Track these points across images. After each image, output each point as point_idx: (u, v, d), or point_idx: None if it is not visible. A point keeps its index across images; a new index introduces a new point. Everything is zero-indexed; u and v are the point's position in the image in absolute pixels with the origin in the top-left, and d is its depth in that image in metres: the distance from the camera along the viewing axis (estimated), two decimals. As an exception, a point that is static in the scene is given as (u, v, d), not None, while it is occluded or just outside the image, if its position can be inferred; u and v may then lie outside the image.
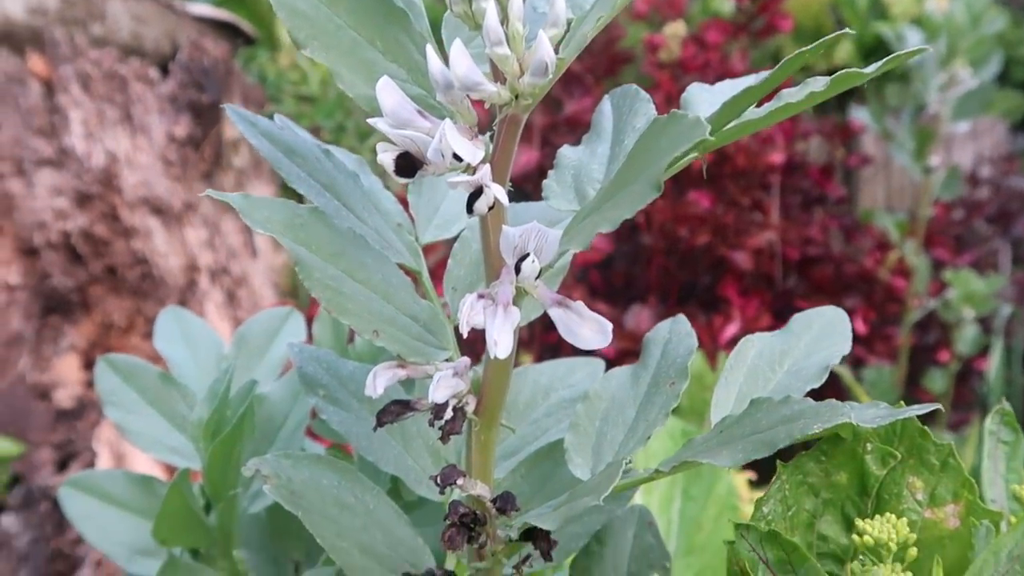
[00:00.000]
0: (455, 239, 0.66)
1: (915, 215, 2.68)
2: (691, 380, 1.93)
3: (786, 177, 2.70)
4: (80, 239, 1.96)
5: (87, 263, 1.97)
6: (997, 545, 0.47)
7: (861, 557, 0.47)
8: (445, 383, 0.51)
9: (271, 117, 0.62)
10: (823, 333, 0.61)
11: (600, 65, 2.57)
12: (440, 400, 0.51)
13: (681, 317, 0.66)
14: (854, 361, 2.65)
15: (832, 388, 2.41)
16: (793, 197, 2.75)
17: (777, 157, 2.52)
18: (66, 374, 1.96)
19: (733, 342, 2.05)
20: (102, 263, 1.98)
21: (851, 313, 2.82)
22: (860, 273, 2.69)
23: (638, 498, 1.50)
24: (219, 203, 2.34)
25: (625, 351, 2.17)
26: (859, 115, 2.78)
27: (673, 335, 0.64)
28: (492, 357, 0.48)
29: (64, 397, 1.93)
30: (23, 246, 1.96)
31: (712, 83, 0.57)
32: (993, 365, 2.68)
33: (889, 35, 2.59)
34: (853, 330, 0.57)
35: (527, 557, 0.58)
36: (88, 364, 1.97)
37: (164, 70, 2.16)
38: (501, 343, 0.48)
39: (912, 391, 2.69)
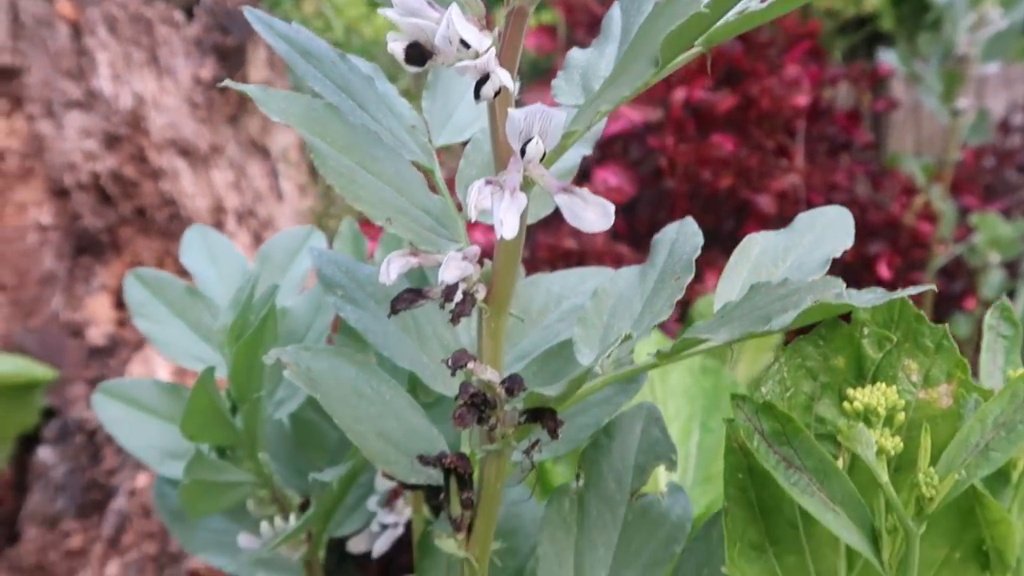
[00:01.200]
0: (467, 143, 0.68)
1: (943, 160, 2.66)
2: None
3: (812, 123, 2.68)
4: (110, 180, 1.99)
5: (117, 204, 2.01)
6: (983, 413, 0.48)
7: (851, 422, 0.49)
8: (455, 264, 0.53)
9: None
10: (826, 230, 0.62)
11: (624, 8, 2.55)
12: (450, 280, 0.53)
13: (689, 219, 0.68)
14: (878, 307, 2.65)
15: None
16: (819, 143, 2.74)
17: (802, 99, 2.51)
18: (98, 312, 2.01)
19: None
20: (131, 204, 2.01)
21: (876, 259, 2.82)
22: (886, 219, 2.68)
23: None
24: (245, 146, 2.36)
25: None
26: (887, 58, 2.75)
27: (680, 235, 0.66)
28: (499, 238, 0.50)
29: (96, 335, 1.98)
30: (54, 187, 2.00)
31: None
32: (1019, 309, 2.67)
33: (919, -25, 2.55)
34: (878, 276, 0.58)
35: (536, 442, 0.60)
36: (119, 303, 2.02)
37: (189, 13, 2.18)
38: (507, 223, 0.49)
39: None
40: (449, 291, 0.54)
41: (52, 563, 1.62)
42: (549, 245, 2.01)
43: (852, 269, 2.70)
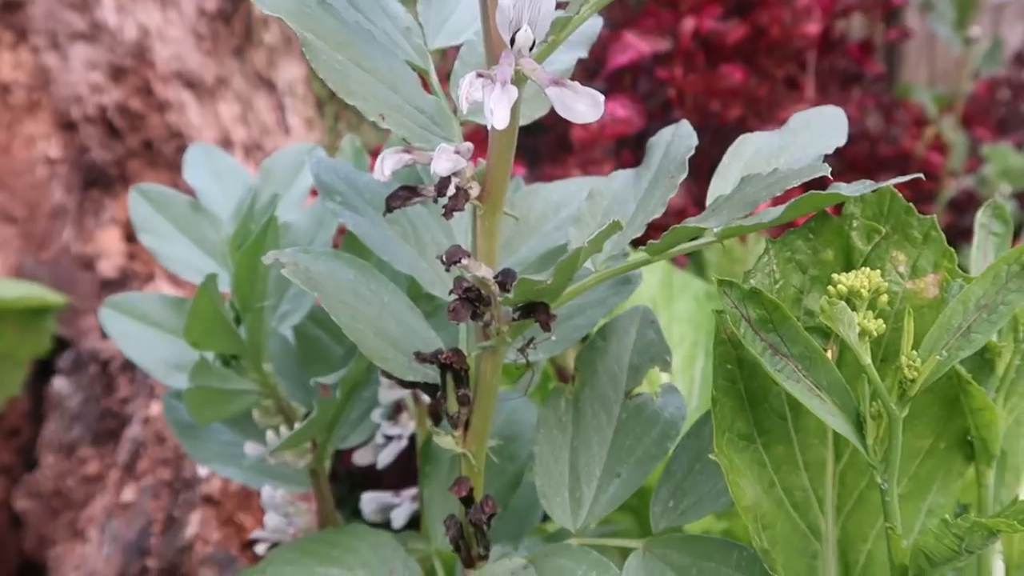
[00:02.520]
0: (462, 46, 0.68)
1: (956, 91, 2.63)
2: (720, 252, 1.96)
3: (823, 54, 2.65)
4: (116, 113, 1.99)
5: (124, 137, 2.01)
6: (965, 295, 0.49)
7: (833, 301, 0.49)
8: (446, 156, 0.54)
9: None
10: (820, 129, 0.63)
11: None
12: (442, 172, 0.54)
13: (684, 121, 0.68)
14: (888, 240, 2.64)
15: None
16: (831, 75, 2.71)
17: (813, 28, 2.47)
18: (109, 245, 2.02)
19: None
20: (139, 137, 2.02)
21: (885, 190, 2.77)
22: (896, 152, 2.66)
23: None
24: (251, 79, 2.35)
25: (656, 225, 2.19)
26: (900, -13, 2.70)
27: (675, 137, 0.66)
28: (490, 127, 0.51)
29: (107, 267, 2.00)
30: (61, 120, 2.00)
31: None
32: (1030, 239, 2.66)
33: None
34: None
35: (531, 340, 0.61)
36: (129, 237, 2.03)
37: (192, -57, 2.15)
38: (498, 113, 0.50)
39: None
40: (442, 184, 0.55)
41: (70, 488, 1.65)
42: (557, 177, 2.01)
43: (862, 201, 2.69)
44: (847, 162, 2.68)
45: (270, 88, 2.34)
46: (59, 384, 1.86)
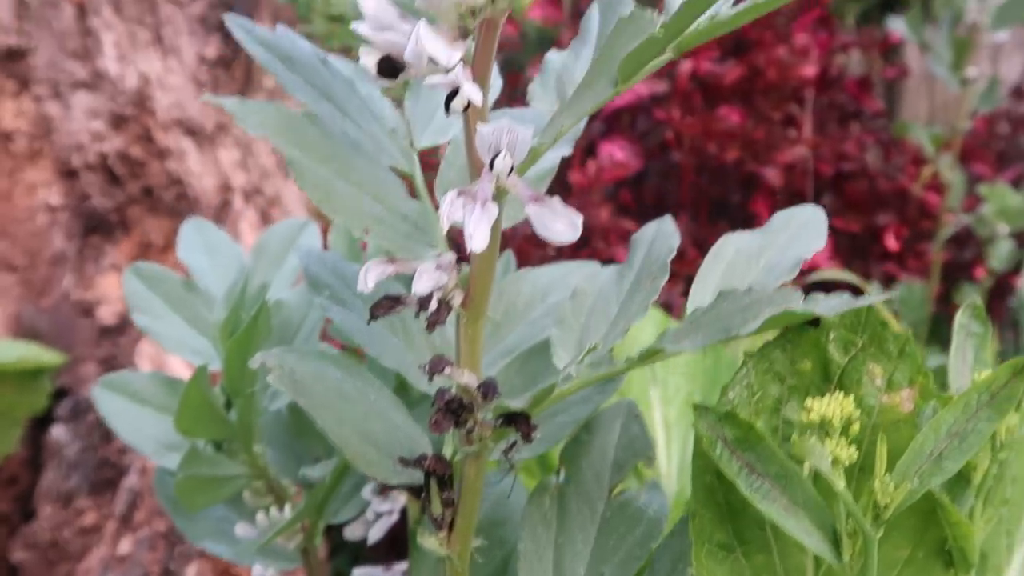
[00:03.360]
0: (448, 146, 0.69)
1: (953, 128, 2.64)
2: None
3: (821, 91, 2.66)
4: (117, 160, 2.01)
5: (124, 184, 2.02)
6: (937, 422, 0.50)
7: (807, 432, 0.50)
8: (428, 275, 0.55)
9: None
10: (800, 230, 0.63)
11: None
12: (423, 292, 0.55)
13: (667, 217, 0.68)
14: (886, 278, 2.65)
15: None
16: (829, 112, 2.72)
17: (810, 70, 2.49)
18: (108, 292, 2.04)
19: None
20: (139, 184, 2.03)
21: (884, 230, 2.81)
22: (894, 189, 2.67)
23: (658, 409, 1.54)
24: (251, 124, 2.36)
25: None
26: (897, 26, 2.72)
27: (658, 235, 0.67)
28: (468, 250, 0.51)
29: (107, 314, 2.01)
30: (63, 168, 2.02)
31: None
32: (1025, 282, 2.66)
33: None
34: (886, 247, 0.58)
35: (514, 443, 0.62)
36: (129, 281, 2.04)
37: (193, -9, 2.18)
38: (477, 236, 0.51)
39: (944, 308, 2.68)
40: (423, 301, 0.55)
41: (67, 540, 1.65)
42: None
43: (860, 240, 2.69)
44: (846, 200, 2.69)
45: (270, 132, 2.35)
46: (57, 432, 1.87)
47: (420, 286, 0.54)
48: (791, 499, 0.50)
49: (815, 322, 0.56)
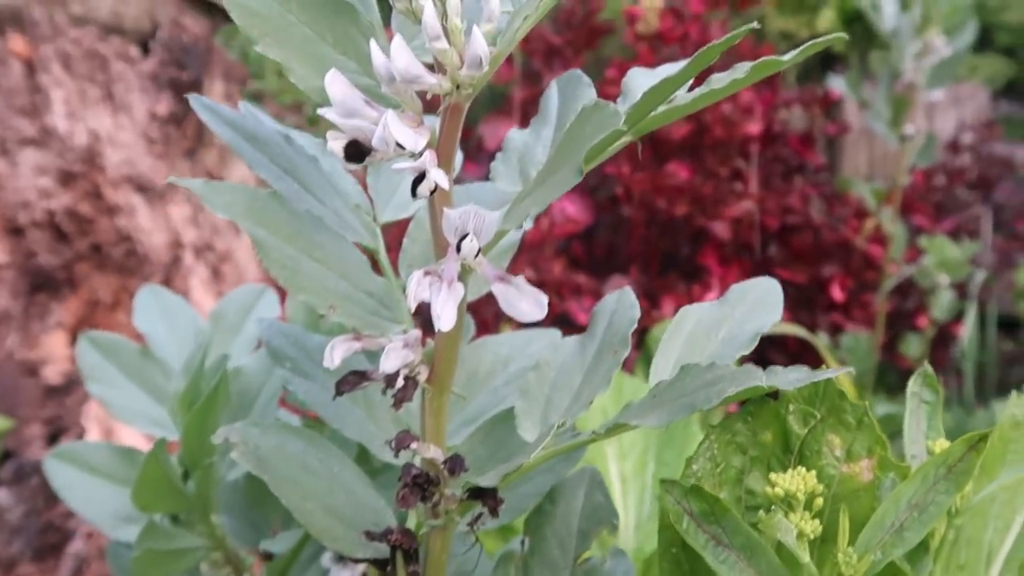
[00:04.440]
0: (411, 220, 0.69)
1: (894, 183, 2.71)
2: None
3: (766, 146, 2.73)
4: (65, 217, 1.98)
5: (72, 241, 2.00)
6: (897, 494, 0.51)
7: (773, 508, 0.51)
8: (395, 354, 0.55)
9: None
10: (757, 303, 0.65)
11: (580, 38, 2.59)
12: (390, 370, 0.55)
13: (627, 289, 0.70)
14: (832, 328, 2.70)
15: (809, 354, 2.46)
16: (773, 166, 2.79)
17: (755, 128, 2.56)
18: (54, 351, 2.00)
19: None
20: (87, 241, 2.01)
21: (829, 281, 2.86)
22: (839, 241, 2.73)
23: (614, 464, 1.55)
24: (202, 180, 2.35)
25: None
26: (837, 84, 2.81)
27: (619, 306, 0.68)
28: (437, 329, 0.52)
29: (52, 373, 1.97)
30: (8, 225, 1.99)
31: (690, 55, 0.60)
32: (967, 330, 2.73)
33: (865, 3, 2.61)
34: (831, 298, 0.60)
35: (479, 515, 0.62)
36: (75, 341, 2.01)
37: (145, 48, 2.18)
38: (444, 316, 0.51)
39: (889, 357, 2.74)
40: (390, 379, 0.56)
41: (9, 608, 1.60)
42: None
43: (806, 291, 2.74)
44: (792, 252, 2.75)
45: (221, 188, 2.34)
46: (0, 496, 1.82)
47: (388, 365, 0.55)
48: (757, 570, 0.51)
49: (774, 394, 0.58)
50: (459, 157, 0.67)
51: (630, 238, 2.65)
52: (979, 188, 3.30)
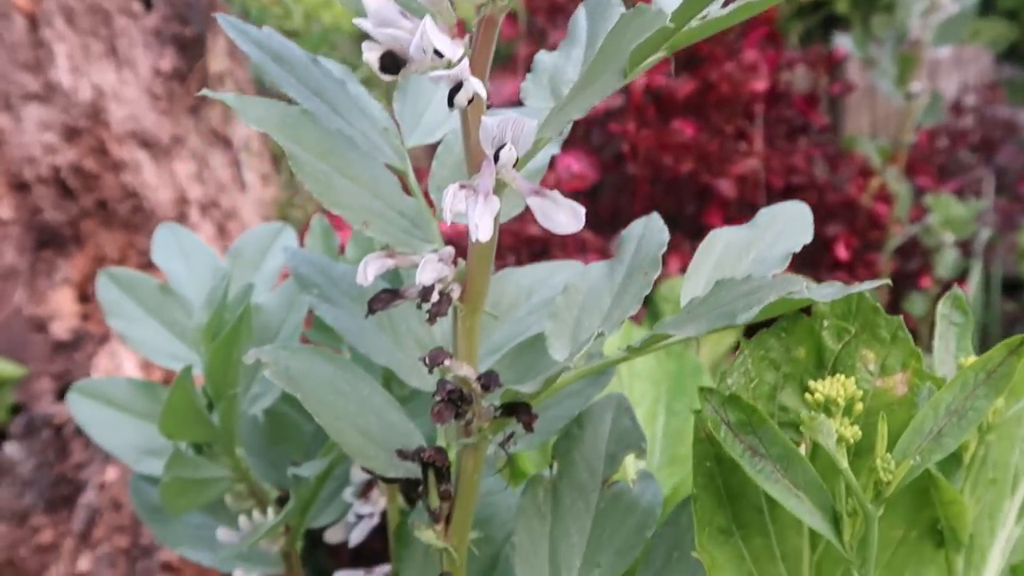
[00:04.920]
0: (438, 144, 0.69)
1: (898, 142, 2.71)
2: (676, 307, 1.99)
3: (770, 106, 2.72)
4: (70, 173, 1.98)
5: (78, 197, 1.99)
6: (936, 401, 0.51)
7: (812, 413, 0.51)
8: (431, 267, 0.55)
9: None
10: (787, 225, 0.65)
11: (584, -6, 2.56)
12: (427, 282, 0.55)
13: (655, 214, 0.70)
14: (837, 287, 2.70)
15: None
16: (778, 127, 2.78)
17: (760, 85, 2.54)
18: (62, 307, 2.00)
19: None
20: (93, 197, 2.00)
21: (834, 240, 2.86)
22: (843, 201, 2.73)
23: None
24: (207, 137, 2.34)
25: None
26: (843, 42, 2.79)
27: (647, 231, 0.68)
28: (474, 241, 0.52)
29: (61, 329, 1.97)
30: (14, 181, 1.98)
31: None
32: (972, 289, 2.74)
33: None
34: (836, 257, 0.60)
35: (511, 435, 0.62)
36: (83, 297, 2.00)
37: (147, 4, 2.16)
38: (482, 226, 0.51)
39: (894, 315, 2.74)
40: (426, 292, 0.56)
41: (23, 558, 1.61)
42: (513, 231, 2.03)
43: (811, 251, 2.74)
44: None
45: (226, 145, 2.34)
46: (11, 450, 1.82)
47: (424, 276, 0.55)
48: (793, 480, 0.51)
49: (807, 310, 0.58)
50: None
51: (635, 197, 2.64)
52: (982, 151, 3.29)
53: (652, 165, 2.54)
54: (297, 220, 2.33)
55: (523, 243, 2.07)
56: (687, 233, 2.68)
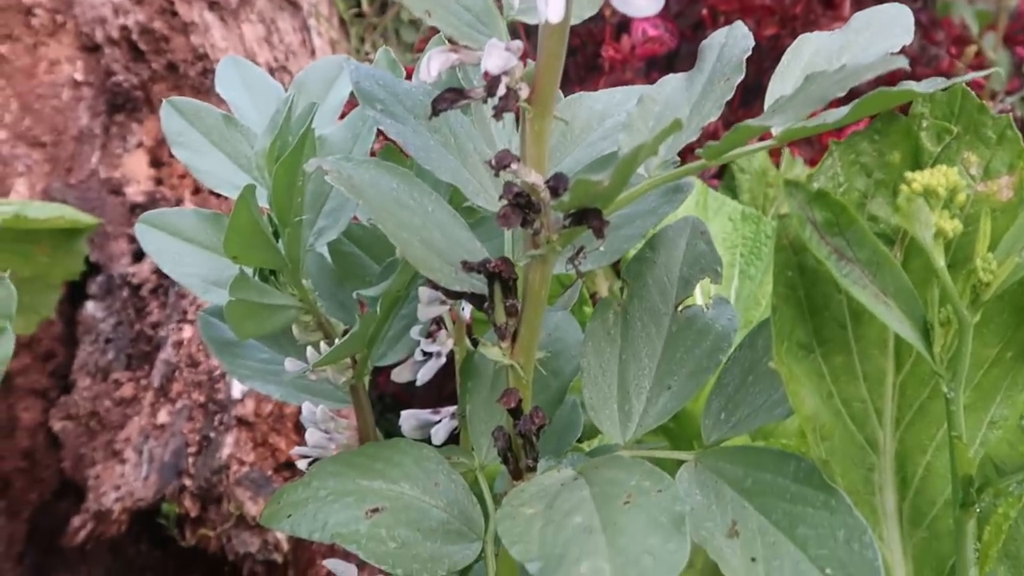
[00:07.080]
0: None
1: (999, 6, 2.54)
2: (753, 176, 1.92)
3: (860, -30, 2.57)
4: (140, 34, 1.96)
5: (148, 60, 1.98)
6: (1047, 195, 0.47)
7: (911, 198, 0.47)
8: (497, 53, 0.52)
9: None
10: (883, 27, 0.60)
11: None
12: (493, 70, 0.51)
13: (739, 23, 0.65)
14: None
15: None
16: (867, -8, 2.63)
17: (851, -57, 2.39)
18: (136, 170, 2.01)
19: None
20: (163, 59, 1.99)
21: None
22: (935, 73, 2.59)
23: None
24: (275, 0, 2.29)
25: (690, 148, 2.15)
26: (943, -101, 2.60)
27: (729, 39, 0.63)
28: (544, 21, 0.48)
29: (135, 192, 1.99)
30: (85, 42, 1.97)
31: None
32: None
33: None
34: None
35: (580, 248, 0.59)
36: (155, 162, 2.02)
37: None
38: (553, 3, 0.47)
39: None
40: (492, 83, 0.52)
41: (106, 410, 1.67)
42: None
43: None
44: (884, 82, 2.61)
45: (295, 9, 2.30)
46: (91, 308, 1.87)
47: (491, 63, 0.51)
48: (882, 286, 0.48)
49: (904, 110, 0.53)
50: None
51: (713, 65, 2.54)
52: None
53: (733, 31, 2.44)
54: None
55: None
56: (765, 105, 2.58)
